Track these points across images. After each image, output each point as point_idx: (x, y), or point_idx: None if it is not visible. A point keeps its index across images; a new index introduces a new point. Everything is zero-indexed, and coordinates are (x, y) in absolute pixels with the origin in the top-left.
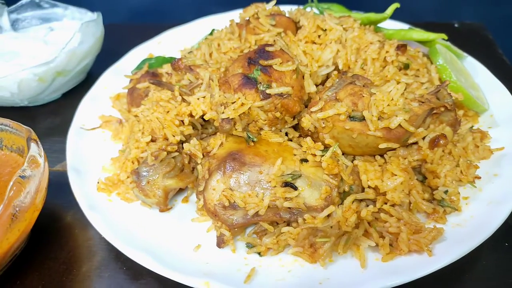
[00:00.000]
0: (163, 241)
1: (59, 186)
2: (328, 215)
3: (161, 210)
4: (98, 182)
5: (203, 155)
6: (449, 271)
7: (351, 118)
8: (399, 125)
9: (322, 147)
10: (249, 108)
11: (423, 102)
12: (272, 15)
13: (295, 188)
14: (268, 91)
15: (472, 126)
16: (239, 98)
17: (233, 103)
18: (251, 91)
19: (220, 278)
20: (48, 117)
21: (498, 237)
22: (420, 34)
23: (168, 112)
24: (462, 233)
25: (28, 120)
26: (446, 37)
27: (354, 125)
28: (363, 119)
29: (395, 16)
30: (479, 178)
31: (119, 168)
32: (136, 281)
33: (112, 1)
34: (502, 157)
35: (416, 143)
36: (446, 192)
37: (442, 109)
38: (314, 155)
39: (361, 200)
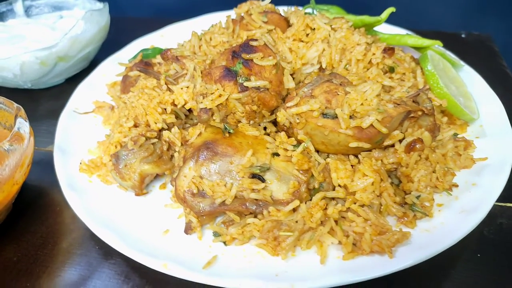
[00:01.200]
0: (134, 224)
1: (48, 165)
2: (294, 210)
3: (137, 194)
4: (80, 163)
5: (182, 143)
6: (418, 281)
7: (324, 115)
8: (371, 125)
9: (294, 142)
10: (227, 99)
11: (398, 104)
12: (265, 12)
13: (263, 180)
14: (245, 83)
15: (456, 134)
16: (217, 89)
17: (211, 93)
18: (229, 83)
19: (180, 262)
20: (50, 100)
21: (472, 247)
22: (415, 40)
23: (152, 99)
24: (429, 238)
25: (31, 102)
26: (441, 44)
27: (327, 122)
28: (335, 117)
29: (405, 23)
30: (456, 186)
31: (103, 151)
32: (105, 260)
33: None
34: (484, 167)
35: (393, 145)
36: (418, 197)
37: (420, 113)
38: (286, 149)
39: (333, 199)
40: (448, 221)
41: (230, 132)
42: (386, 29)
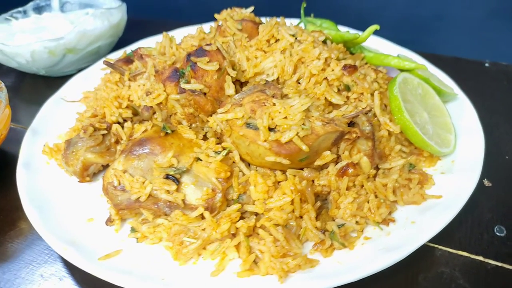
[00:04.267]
0: (65, 207)
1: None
2: (203, 218)
3: (80, 181)
4: (44, 145)
5: (128, 138)
6: None
7: (248, 125)
8: (292, 141)
9: (219, 149)
10: (167, 99)
11: (327, 123)
12: (241, 20)
13: (177, 182)
14: (182, 85)
15: (413, 166)
16: (158, 88)
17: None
18: (171, 84)
19: (80, 249)
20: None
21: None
22: (399, 61)
23: (110, 93)
24: (335, 270)
25: (45, 87)
26: (426, 69)
27: (248, 133)
28: (258, 128)
29: (427, 47)
30: (393, 220)
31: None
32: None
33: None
34: (434, 206)
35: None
36: (342, 225)
37: (354, 135)
38: (208, 155)
39: (256, 214)
40: (363, 256)
41: (167, 132)
42: (386, 48)
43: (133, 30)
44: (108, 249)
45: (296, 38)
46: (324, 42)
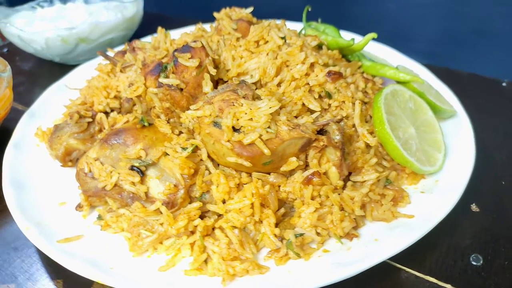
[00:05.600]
0: (41, 189)
1: None
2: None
3: (62, 165)
4: (37, 128)
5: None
6: None
7: (215, 123)
8: (255, 143)
9: (188, 145)
10: (146, 93)
11: (293, 128)
12: (236, 20)
13: (141, 174)
14: (160, 80)
15: (389, 181)
16: (139, 81)
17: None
18: (151, 78)
19: (43, 230)
20: None
21: None
22: (394, 72)
23: (100, 82)
24: (281, 280)
25: (60, 74)
26: (422, 82)
27: (214, 131)
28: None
29: (463, 62)
30: (357, 236)
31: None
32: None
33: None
34: (403, 225)
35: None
36: (300, 235)
37: (322, 143)
38: (176, 151)
39: (220, 215)
40: (315, 269)
41: (144, 124)
42: (396, 59)
43: (149, 25)
44: (71, 233)
45: (285, 41)
46: (320, 47)
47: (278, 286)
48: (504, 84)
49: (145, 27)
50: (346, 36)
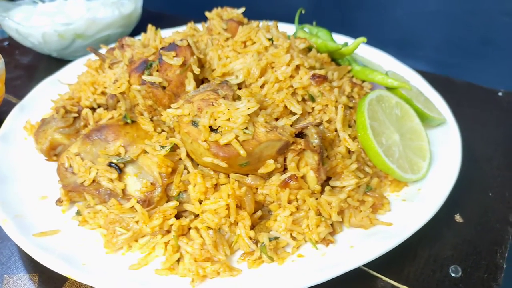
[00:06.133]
0: (24, 182)
1: None
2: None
3: (47, 160)
4: (26, 122)
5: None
6: None
7: (193, 122)
8: (231, 144)
9: (166, 144)
10: (129, 89)
11: (271, 130)
12: (229, 20)
13: (119, 171)
14: (143, 77)
15: (370, 188)
16: (122, 78)
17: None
18: (135, 75)
19: (20, 223)
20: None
21: None
22: (383, 78)
23: (87, 78)
24: (251, 283)
25: (56, 68)
26: (410, 88)
27: (192, 130)
28: None
29: (470, 72)
30: (332, 242)
31: None
32: None
33: None
34: (381, 232)
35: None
36: (275, 238)
37: (299, 146)
38: (155, 149)
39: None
40: (288, 273)
41: (127, 121)
42: (392, 65)
43: (149, 23)
44: (49, 228)
45: (272, 43)
46: (310, 50)
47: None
48: (500, 94)
49: (144, 25)
50: (347, 41)
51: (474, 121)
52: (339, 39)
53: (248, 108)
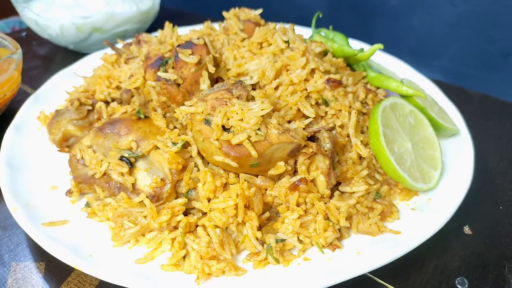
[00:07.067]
0: (36, 172)
1: None
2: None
3: (59, 150)
4: (40, 112)
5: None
6: None
7: (206, 121)
8: (243, 144)
9: (178, 141)
10: (144, 85)
11: (283, 132)
12: (246, 20)
13: (130, 166)
14: (159, 73)
15: (380, 195)
16: (138, 73)
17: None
18: (151, 71)
19: (30, 212)
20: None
21: None
22: (398, 86)
23: (103, 71)
24: (256, 283)
25: (72, 61)
26: (425, 97)
27: (204, 129)
28: None
29: (488, 84)
30: (339, 247)
31: None
32: None
33: None
34: (388, 240)
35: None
36: (281, 240)
37: (311, 150)
38: (166, 145)
39: (204, 213)
40: (292, 276)
41: (140, 116)
42: (403, 71)
43: (166, 20)
44: (58, 218)
45: (288, 45)
46: (325, 54)
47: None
48: None
49: (161, 22)
50: (363, 47)
51: (488, 133)
52: (356, 44)
53: (262, 109)
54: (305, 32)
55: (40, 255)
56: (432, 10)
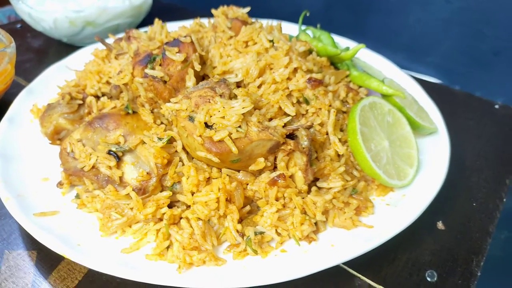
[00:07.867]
0: (28, 164)
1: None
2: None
3: (51, 143)
4: (33, 105)
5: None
6: None
7: (190, 118)
8: (224, 141)
9: (164, 136)
10: (132, 81)
11: (263, 130)
12: (234, 18)
13: (117, 159)
14: (146, 70)
15: (356, 191)
16: (126, 69)
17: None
18: (139, 67)
19: (22, 202)
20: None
21: None
22: (379, 85)
23: (94, 67)
24: (234, 273)
25: (66, 54)
26: (404, 97)
27: (188, 125)
28: None
29: (478, 82)
30: (315, 240)
31: None
32: None
33: None
34: (361, 234)
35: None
36: (260, 233)
37: (289, 147)
38: (153, 140)
39: (188, 206)
40: (269, 267)
41: (128, 112)
42: (389, 70)
43: (160, 14)
44: (49, 208)
45: (273, 44)
46: (310, 53)
47: (231, 279)
48: (496, 106)
49: (154, 16)
50: (354, 45)
51: (468, 132)
52: (346, 43)
53: (243, 108)
54: (296, 28)
55: (32, 244)
56: (426, 7)
